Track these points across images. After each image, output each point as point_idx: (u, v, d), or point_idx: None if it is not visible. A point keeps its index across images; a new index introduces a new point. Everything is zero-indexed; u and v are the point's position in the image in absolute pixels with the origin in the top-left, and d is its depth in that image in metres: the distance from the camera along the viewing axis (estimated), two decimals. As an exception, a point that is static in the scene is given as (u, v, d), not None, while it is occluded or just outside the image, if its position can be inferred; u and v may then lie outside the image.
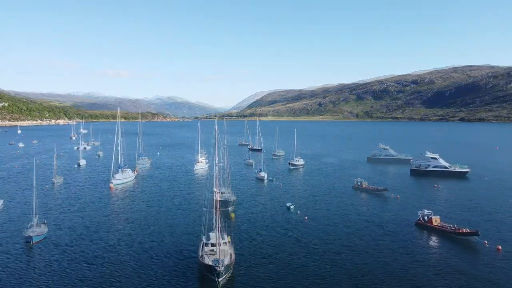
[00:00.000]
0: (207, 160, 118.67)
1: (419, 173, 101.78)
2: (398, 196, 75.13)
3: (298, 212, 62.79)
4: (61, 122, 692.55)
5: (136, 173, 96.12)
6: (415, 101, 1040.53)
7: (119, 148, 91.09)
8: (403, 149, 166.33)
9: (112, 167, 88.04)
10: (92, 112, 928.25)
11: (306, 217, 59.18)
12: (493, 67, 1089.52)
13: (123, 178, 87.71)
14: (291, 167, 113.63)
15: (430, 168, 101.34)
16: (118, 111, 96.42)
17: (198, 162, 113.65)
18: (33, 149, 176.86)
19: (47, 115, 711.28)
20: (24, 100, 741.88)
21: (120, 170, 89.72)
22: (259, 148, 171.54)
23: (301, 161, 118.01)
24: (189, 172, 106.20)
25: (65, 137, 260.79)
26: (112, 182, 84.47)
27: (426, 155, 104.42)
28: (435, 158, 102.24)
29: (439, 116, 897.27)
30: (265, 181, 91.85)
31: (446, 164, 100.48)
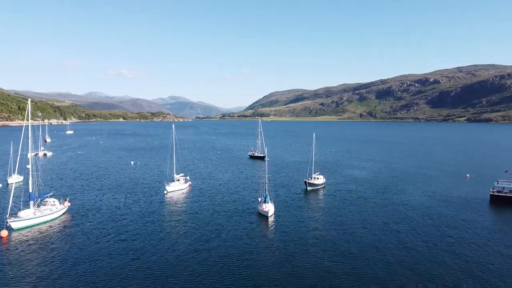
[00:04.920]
0: (186, 178, 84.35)
1: (504, 201, 67.69)
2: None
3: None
4: (54, 122, 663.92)
5: (66, 204, 60.39)
6: (419, 101, 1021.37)
7: (28, 166, 55.78)
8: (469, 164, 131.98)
9: (11, 199, 52.89)
10: (90, 111, 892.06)
11: None
12: (498, 67, 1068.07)
13: (36, 217, 52.76)
14: (309, 188, 79.01)
15: (522, 194, 67.07)
16: (29, 105, 61.69)
17: (173, 182, 79.30)
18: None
19: (39, 114, 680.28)
20: (19, 98, 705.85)
21: (33, 202, 54.89)
22: (262, 155, 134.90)
23: (321, 179, 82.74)
24: (157, 198, 71.60)
25: (41, 139, 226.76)
26: (8, 225, 49.43)
27: (514, 174, 69.87)
28: (530, 179, 67.79)
29: (445, 116, 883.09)
30: (271, 219, 57.46)
31: (549, 189, 66.14)
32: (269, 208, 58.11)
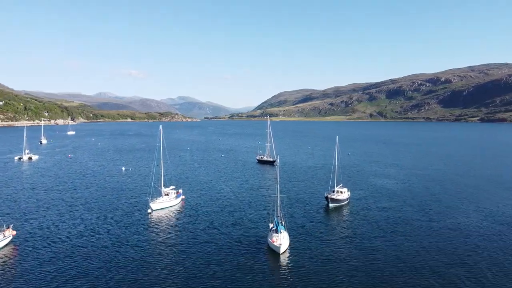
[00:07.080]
0: (179, 191, 69.09)
1: None
2: None
3: None
4: (60, 122, 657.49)
5: (8, 234, 44.76)
6: (431, 101, 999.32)
7: None
8: None
9: None
10: (98, 111, 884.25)
11: None
12: (511, 65, 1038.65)
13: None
14: (331, 205, 62.94)
15: None
16: None
17: (160, 197, 63.99)
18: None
19: (46, 114, 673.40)
20: (27, 99, 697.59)
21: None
22: (272, 160, 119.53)
23: (345, 193, 66.19)
24: (138, 219, 56.35)
25: (26, 141, 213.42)
26: None
27: None
28: None
29: (457, 116, 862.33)
30: (284, 256, 41.64)
31: None
32: (282, 241, 42.14)
